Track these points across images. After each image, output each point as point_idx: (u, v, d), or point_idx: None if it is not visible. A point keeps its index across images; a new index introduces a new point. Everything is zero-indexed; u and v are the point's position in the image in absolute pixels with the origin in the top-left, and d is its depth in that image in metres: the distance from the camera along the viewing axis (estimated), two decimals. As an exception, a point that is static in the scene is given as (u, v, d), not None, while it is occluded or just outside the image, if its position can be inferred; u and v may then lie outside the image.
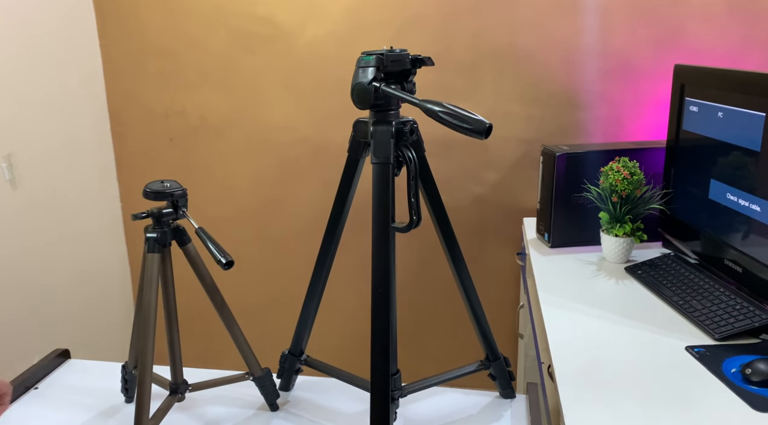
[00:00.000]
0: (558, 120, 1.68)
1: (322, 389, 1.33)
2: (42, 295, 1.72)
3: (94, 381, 1.38)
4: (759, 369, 0.92)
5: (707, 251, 1.27)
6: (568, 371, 0.96)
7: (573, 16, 1.60)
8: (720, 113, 1.21)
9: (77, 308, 1.86)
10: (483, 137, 0.78)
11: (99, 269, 1.95)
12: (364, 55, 0.97)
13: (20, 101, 1.61)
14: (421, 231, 1.54)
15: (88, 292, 1.90)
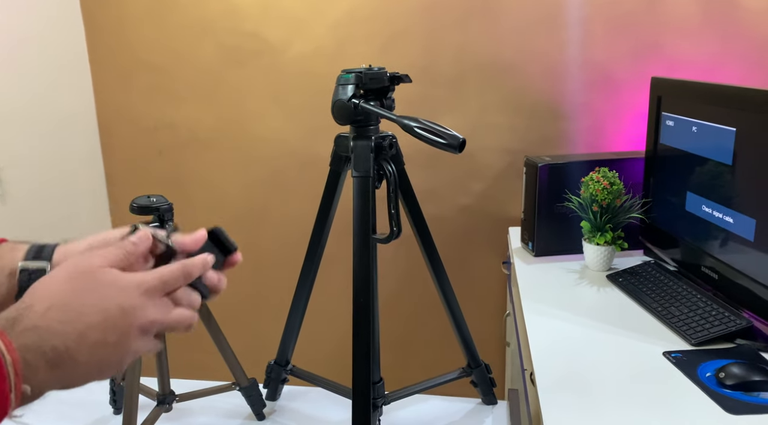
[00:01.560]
0: (541, 131, 1.71)
1: (307, 398, 1.35)
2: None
3: (82, 393, 1.39)
4: (732, 373, 0.94)
5: (685, 258, 1.29)
6: (549, 377, 0.98)
7: (555, 30, 1.64)
8: (694, 127, 1.24)
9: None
10: (457, 151, 0.81)
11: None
12: (344, 73, 1.00)
13: (9, 116, 1.63)
14: (405, 242, 1.56)
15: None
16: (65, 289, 0.47)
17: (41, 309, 0.45)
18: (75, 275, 0.48)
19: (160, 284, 0.50)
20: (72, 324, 0.45)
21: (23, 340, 0.43)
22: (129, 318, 0.47)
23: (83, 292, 0.47)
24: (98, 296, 0.47)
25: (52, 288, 0.47)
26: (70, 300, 0.46)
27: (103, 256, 0.50)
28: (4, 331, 0.42)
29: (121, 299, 0.48)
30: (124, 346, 0.48)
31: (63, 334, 0.44)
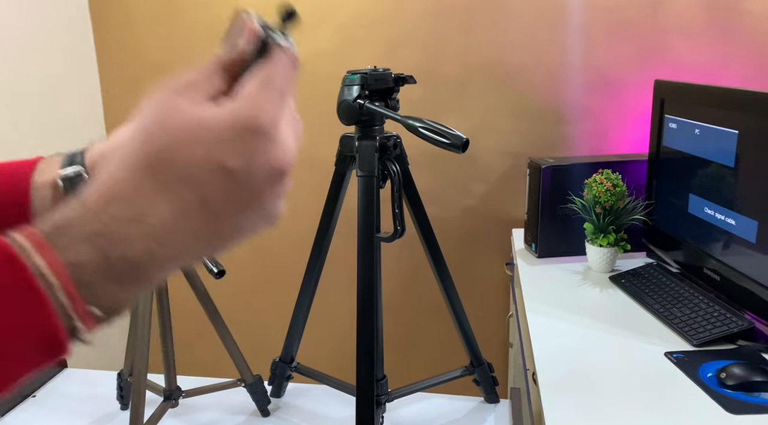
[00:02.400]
0: (544, 134, 1.72)
1: (312, 395, 1.36)
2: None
3: (90, 388, 1.41)
4: (733, 373, 0.95)
5: (688, 260, 1.30)
6: (551, 376, 0.99)
7: (558, 34, 1.65)
8: (697, 130, 1.25)
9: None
10: (461, 151, 0.82)
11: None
12: (349, 73, 1.02)
13: (17, 117, 1.65)
14: (410, 242, 1.57)
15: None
16: (131, 163, 0.32)
17: (95, 205, 0.31)
18: (146, 135, 0.32)
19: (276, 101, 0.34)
20: (149, 218, 0.31)
21: (73, 256, 0.30)
22: (242, 180, 0.32)
23: (158, 162, 0.31)
24: (182, 159, 0.31)
25: (112, 169, 0.32)
26: (139, 181, 0.31)
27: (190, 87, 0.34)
28: (47, 242, 0.30)
29: (220, 155, 0.31)
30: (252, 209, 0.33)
31: (138, 238, 0.31)
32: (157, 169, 0.31)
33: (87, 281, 0.30)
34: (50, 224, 0.31)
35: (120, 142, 0.35)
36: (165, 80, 0.34)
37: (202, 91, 0.34)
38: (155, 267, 0.32)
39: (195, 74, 0.35)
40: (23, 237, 0.30)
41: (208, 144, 0.31)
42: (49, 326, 0.29)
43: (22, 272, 0.29)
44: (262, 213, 0.34)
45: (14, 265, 0.29)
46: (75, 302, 0.30)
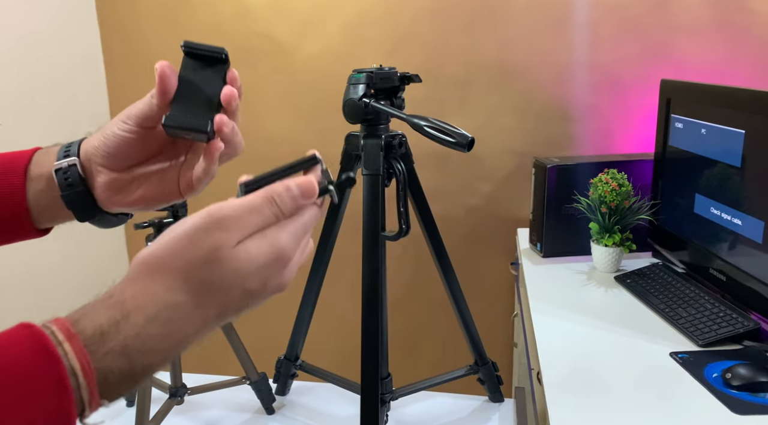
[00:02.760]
0: (549, 133, 1.72)
1: (316, 393, 1.37)
2: (43, 303, 1.76)
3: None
4: (738, 374, 0.94)
5: (693, 260, 1.30)
6: (556, 376, 0.99)
7: (563, 32, 1.65)
8: (703, 129, 1.25)
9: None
10: (466, 150, 0.82)
11: (100, 277, 1.99)
12: (355, 72, 1.02)
13: (24, 115, 1.66)
14: (415, 241, 1.57)
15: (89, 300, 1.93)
16: (177, 289, 0.36)
17: (138, 325, 0.35)
18: (196, 266, 0.37)
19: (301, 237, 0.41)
20: (176, 335, 0.36)
21: (108, 363, 0.34)
22: (256, 296, 0.39)
23: (202, 293, 0.37)
24: (222, 289, 0.37)
25: (157, 289, 0.36)
26: (180, 307, 0.36)
27: (240, 225, 0.38)
28: (86, 348, 0.34)
29: (248, 283, 0.38)
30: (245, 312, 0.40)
31: (161, 351, 0.36)
32: (199, 297, 0.37)
33: (110, 383, 0.35)
34: (92, 328, 0.35)
35: (164, 258, 0.37)
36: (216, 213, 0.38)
37: (251, 226, 0.39)
38: (162, 366, 0.37)
39: (246, 208, 0.39)
40: (65, 338, 0.34)
41: (245, 274, 0.38)
42: (66, 415, 0.33)
43: (60, 371, 0.33)
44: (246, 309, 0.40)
45: (54, 364, 0.33)
46: (93, 398, 0.34)
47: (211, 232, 0.37)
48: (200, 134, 0.44)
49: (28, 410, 0.32)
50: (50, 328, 0.34)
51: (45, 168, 0.51)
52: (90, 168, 0.51)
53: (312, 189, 0.41)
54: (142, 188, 0.52)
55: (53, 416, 0.33)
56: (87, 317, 0.35)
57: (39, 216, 0.53)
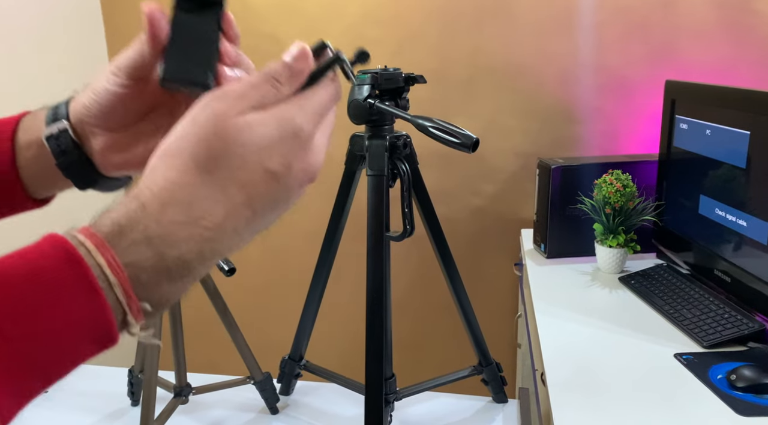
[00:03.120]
0: (554, 133, 1.72)
1: (320, 393, 1.37)
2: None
3: (101, 385, 1.42)
4: (743, 375, 0.94)
5: (698, 261, 1.30)
6: (560, 376, 0.99)
7: (568, 33, 1.65)
8: (708, 130, 1.24)
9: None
10: (470, 150, 0.82)
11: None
12: (360, 73, 1.02)
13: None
14: (419, 241, 1.57)
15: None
16: (188, 169, 0.34)
17: (155, 209, 0.33)
18: (200, 141, 0.34)
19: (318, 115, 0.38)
20: (202, 221, 0.34)
21: (133, 257, 0.32)
22: (282, 180, 0.36)
23: (215, 168, 0.34)
24: (236, 165, 0.34)
25: (169, 174, 0.34)
26: (197, 187, 0.34)
27: (239, 96, 0.36)
28: (107, 243, 0.32)
29: (265, 160, 0.35)
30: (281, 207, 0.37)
31: (191, 239, 0.33)
32: (213, 173, 0.34)
33: (143, 281, 0.32)
34: (110, 223, 0.33)
35: (171, 145, 0.35)
36: (215, 90, 0.37)
37: (250, 99, 0.36)
38: (201, 264, 0.34)
39: (243, 84, 0.37)
40: (85, 237, 0.32)
41: (257, 148, 0.35)
42: (103, 320, 0.31)
43: (84, 270, 0.31)
44: (285, 209, 0.37)
45: (77, 264, 0.31)
46: (130, 299, 0.32)
47: (208, 105, 0.36)
48: (201, 87, 0.41)
49: (60, 316, 0.30)
50: (70, 233, 0.33)
51: (34, 134, 0.46)
52: (83, 130, 0.46)
53: (303, 51, 0.39)
54: (143, 146, 0.47)
55: (87, 321, 0.31)
56: (104, 216, 0.33)
57: (34, 185, 0.48)
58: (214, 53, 0.43)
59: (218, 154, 0.34)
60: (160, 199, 0.33)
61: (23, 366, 0.30)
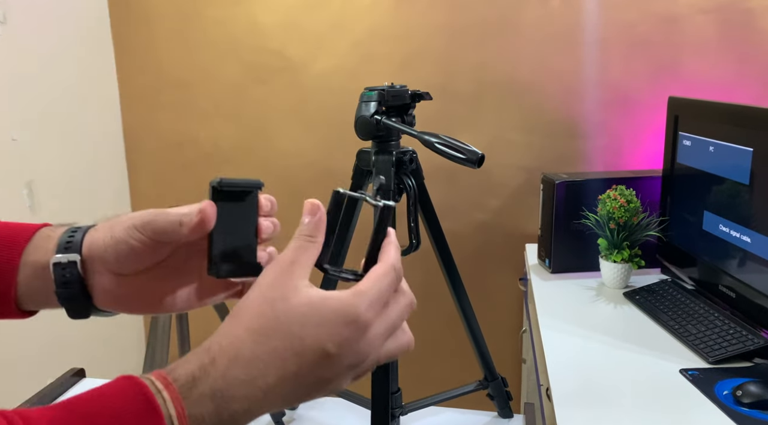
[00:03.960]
0: (558, 149, 1.73)
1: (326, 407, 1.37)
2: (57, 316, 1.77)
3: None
4: (749, 391, 0.94)
5: (703, 277, 1.30)
6: (565, 392, 0.99)
7: (572, 50, 1.67)
8: (711, 147, 1.25)
9: (92, 328, 1.91)
10: (476, 166, 0.83)
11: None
12: (367, 90, 1.04)
13: (41, 132, 1.69)
14: (424, 256, 1.58)
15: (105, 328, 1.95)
16: (253, 328, 0.37)
17: (223, 365, 0.36)
18: (264, 307, 0.38)
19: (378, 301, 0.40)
20: (258, 381, 0.36)
21: (199, 409, 0.35)
22: (334, 364, 0.38)
23: (274, 333, 0.37)
24: (295, 334, 0.37)
25: (236, 330, 0.37)
26: (258, 345, 0.37)
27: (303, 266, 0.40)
28: (181, 396, 0.35)
29: (323, 337, 0.37)
30: (323, 387, 0.39)
31: (245, 398, 0.36)
32: (275, 337, 0.37)
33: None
34: (185, 375, 0.36)
35: (240, 305, 0.39)
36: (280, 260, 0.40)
37: (306, 266, 0.41)
38: (246, 421, 0.37)
39: (296, 252, 0.41)
40: (163, 386, 0.35)
41: (317, 325, 0.37)
42: None
43: (160, 421, 0.34)
44: (327, 389, 0.40)
45: (155, 415, 0.34)
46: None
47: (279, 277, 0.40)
48: (252, 276, 0.43)
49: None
50: (150, 378, 0.35)
51: (42, 256, 0.47)
52: (92, 267, 0.47)
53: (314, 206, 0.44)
54: (146, 289, 0.48)
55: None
56: (181, 366, 0.36)
57: (26, 299, 0.49)
58: (254, 239, 0.45)
59: (282, 319, 0.37)
60: (228, 354, 0.36)
61: None
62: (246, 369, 0.36)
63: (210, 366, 0.36)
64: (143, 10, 1.89)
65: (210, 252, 0.43)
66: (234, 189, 0.45)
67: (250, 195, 0.45)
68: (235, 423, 0.36)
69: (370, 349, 0.39)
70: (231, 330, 0.38)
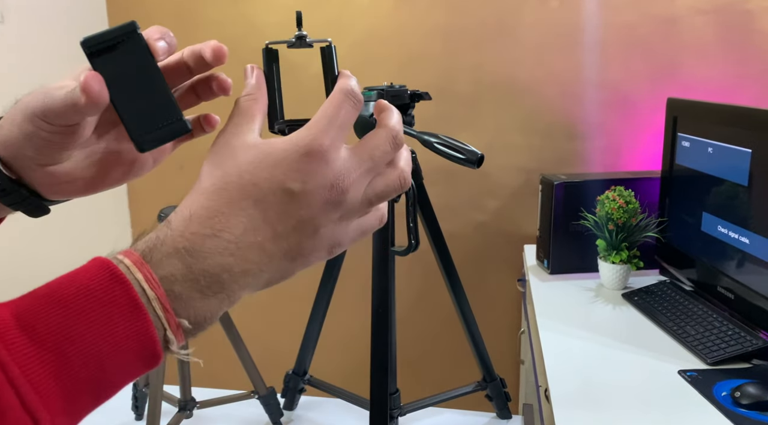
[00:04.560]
0: (557, 150, 1.73)
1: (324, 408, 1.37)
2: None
3: (104, 398, 1.42)
4: (748, 392, 0.94)
5: (701, 278, 1.30)
6: (564, 393, 0.99)
7: (571, 51, 1.67)
8: (710, 148, 1.26)
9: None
10: (475, 166, 0.83)
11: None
12: (366, 90, 1.04)
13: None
14: (423, 257, 1.58)
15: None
16: (204, 188, 0.36)
17: (180, 225, 0.35)
18: (217, 157, 0.37)
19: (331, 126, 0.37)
20: (224, 234, 0.34)
21: (165, 270, 0.33)
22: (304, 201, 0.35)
23: (226, 184, 0.35)
24: (247, 181, 0.35)
25: (190, 196, 0.36)
26: (213, 201, 0.35)
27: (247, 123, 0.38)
28: (145, 260, 0.33)
29: (279, 177, 0.35)
30: (310, 236, 0.36)
31: (216, 252, 0.34)
32: (228, 189, 0.35)
33: (177, 293, 0.33)
34: (144, 241, 0.35)
35: (199, 177, 0.38)
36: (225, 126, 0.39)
37: (250, 123, 0.39)
38: (231, 281, 0.35)
39: (238, 113, 0.39)
40: (124, 256, 0.34)
41: (271, 167, 0.35)
42: (148, 337, 0.32)
43: (127, 288, 0.32)
44: (321, 238, 0.37)
45: (120, 282, 0.32)
46: (168, 313, 0.33)
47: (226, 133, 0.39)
48: (183, 134, 0.39)
49: (112, 334, 0.31)
50: (112, 254, 0.34)
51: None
52: (20, 164, 0.43)
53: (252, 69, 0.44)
54: (87, 171, 0.45)
55: (134, 337, 0.32)
56: (141, 238, 0.35)
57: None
58: (167, 91, 0.39)
59: (232, 171, 0.36)
60: (183, 216, 0.35)
61: (80, 386, 0.31)
62: (206, 222, 0.34)
63: (166, 228, 0.35)
64: (141, 9, 1.89)
65: (124, 125, 0.38)
66: (108, 43, 0.38)
67: (132, 42, 0.38)
68: (216, 281, 0.34)
69: (345, 181, 0.36)
70: (186, 199, 0.36)
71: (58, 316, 0.31)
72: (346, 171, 0.37)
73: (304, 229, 0.36)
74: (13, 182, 0.43)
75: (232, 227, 0.35)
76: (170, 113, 0.39)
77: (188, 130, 0.39)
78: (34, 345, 0.30)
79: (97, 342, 0.31)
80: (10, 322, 0.30)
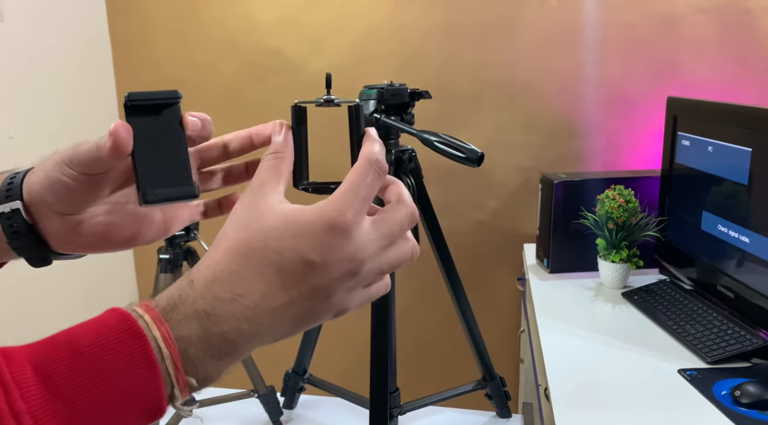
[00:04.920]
0: (557, 149, 1.73)
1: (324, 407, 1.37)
2: (50, 317, 1.76)
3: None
4: (748, 391, 0.94)
5: (701, 277, 1.30)
6: (564, 392, 0.99)
7: (571, 50, 1.67)
8: (710, 147, 1.26)
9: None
10: (476, 165, 0.83)
11: (108, 289, 2.00)
12: (366, 88, 1.04)
13: (38, 130, 1.69)
14: (423, 254, 1.58)
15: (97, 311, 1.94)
16: (229, 251, 0.37)
17: (202, 286, 0.36)
18: (243, 223, 0.37)
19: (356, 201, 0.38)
20: (243, 300, 0.35)
21: (183, 331, 0.34)
22: (322, 272, 0.36)
23: (251, 250, 0.36)
24: (272, 249, 0.36)
25: (213, 254, 0.37)
26: (237, 265, 0.36)
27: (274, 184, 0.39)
28: (164, 318, 0.34)
29: (302, 248, 0.36)
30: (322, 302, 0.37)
31: (233, 317, 0.35)
32: (252, 256, 0.36)
33: (190, 355, 0.34)
34: (165, 298, 0.36)
35: (219, 234, 0.39)
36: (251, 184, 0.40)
37: (277, 183, 0.40)
38: (242, 343, 0.36)
39: (265, 172, 0.40)
40: (144, 311, 0.35)
41: (295, 236, 0.36)
42: (156, 393, 0.33)
43: (144, 345, 0.33)
44: (331, 305, 0.38)
45: (138, 338, 0.33)
46: (178, 372, 0.34)
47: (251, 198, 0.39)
48: (189, 199, 0.40)
49: (122, 388, 0.32)
50: (132, 307, 0.35)
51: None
52: (37, 211, 0.44)
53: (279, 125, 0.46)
54: (98, 227, 0.46)
55: (143, 393, 0.33)
56: (162, 294, 0.36)
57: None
58: (186, 158, 0.41)
59: (256, 236, 0.36)
60: (206, 276, 0.36)
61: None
62: (227, 287, 0.36)
63: (189, 288, 0.36)
64: (141, 7, 1.89)
65: (136, 177, 0.39)
66: (147, 103, 0.40)
67: (170, 109, 0.41)
68: (229, 344, 0.35)
69: (363, 254, 0.37)
70: (209, 257, 0.37)
71: (75, 367, 0.32)
72: (364, 245, 0.38)
73: (318, 296, 0.37)
74: (28, 226, 0.44)
75: (252, 293, 0.36)
76: (182, 176, 0.40)
77: (195, 195, 0.40)
78: (50, 395, 0.31)
79: (109, 395, 0.32)
80: (29, 372, 0.32)
